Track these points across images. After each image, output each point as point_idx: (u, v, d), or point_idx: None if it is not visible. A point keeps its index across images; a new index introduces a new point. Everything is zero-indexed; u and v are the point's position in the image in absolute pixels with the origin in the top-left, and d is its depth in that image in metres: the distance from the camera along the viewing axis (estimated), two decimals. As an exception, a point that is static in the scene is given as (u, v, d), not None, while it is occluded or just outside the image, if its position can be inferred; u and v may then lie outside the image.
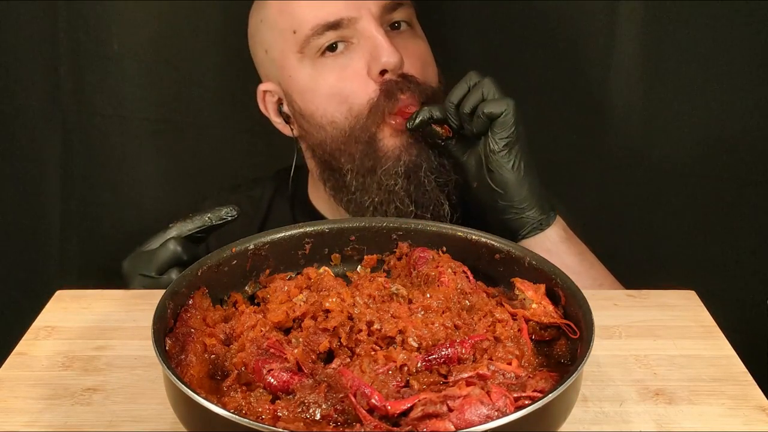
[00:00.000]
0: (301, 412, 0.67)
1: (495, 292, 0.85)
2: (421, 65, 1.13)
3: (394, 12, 1.13)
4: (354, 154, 1.13)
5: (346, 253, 0.92)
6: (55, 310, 0.95)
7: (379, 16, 1.11)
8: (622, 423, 0.77)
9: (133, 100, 1.46)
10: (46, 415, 0.77)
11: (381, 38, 1.08)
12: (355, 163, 1.13)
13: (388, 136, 1.12)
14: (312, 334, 0.74)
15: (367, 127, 1.11)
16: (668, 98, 1.35)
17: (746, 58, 1.28)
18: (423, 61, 1.14)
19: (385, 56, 1.08)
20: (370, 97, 1.10)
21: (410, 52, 1.13)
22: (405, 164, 1.11)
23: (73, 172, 1.49)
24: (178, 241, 1.05)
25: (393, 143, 1.11)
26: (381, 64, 1.08)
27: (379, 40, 1.08)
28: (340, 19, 1.09)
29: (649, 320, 0.93)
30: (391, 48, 1.08)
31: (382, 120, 1.10)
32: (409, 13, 1.15)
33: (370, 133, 1.11)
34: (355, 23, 1.10)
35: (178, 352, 0.74)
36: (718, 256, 1.37)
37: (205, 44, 1.45)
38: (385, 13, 1.12)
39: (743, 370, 0.84)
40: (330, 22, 1.10)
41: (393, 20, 1.13)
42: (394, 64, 1.08)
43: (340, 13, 1.09)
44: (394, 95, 1.09)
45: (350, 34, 1.11)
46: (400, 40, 1.13)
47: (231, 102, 1.48)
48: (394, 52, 1.08)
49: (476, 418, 0.63)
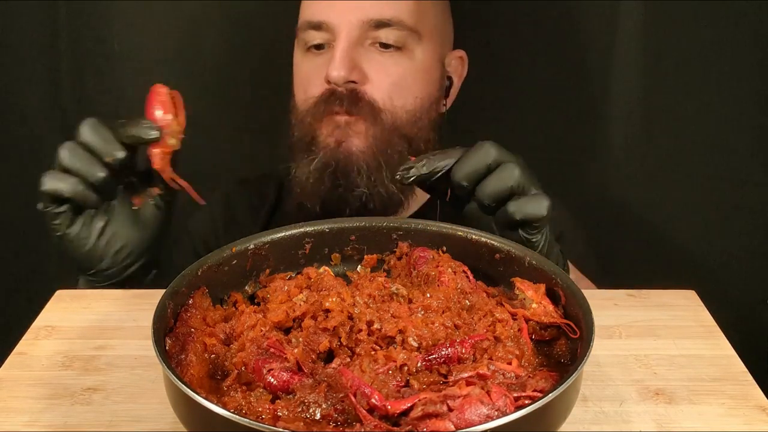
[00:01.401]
0: (301, 411, 0.67)
1: (495, 292, 0.85)
2: (389, 89, 1.15)
3: (379, 30, 1.14)
4: (298, 136, 1.18)
5: (346, 252, 0.92)
6: (55, 310, 0.95)
7: (359, 29, 1.13)
8: (622, 423, 0.77)
9: (133, 100, 1.46)
10: (46, 415, 0.77)
11: (338, 51, 1.12)
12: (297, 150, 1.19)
13: (323, 135, 1.16)
14: (312, 334, 0.74)
15: (307, 120, 1.16)
16: (668, 98, 1.35)
17: (746, 58, 1.28)
18: (395, 85, 1.15)
19: (332, 69, 1.12)
20: (316, 96, 1.15)
21: (383, 73, 1.14)
22: (320, 161, 1.15)
23: (73, 172, 1.49)
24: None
25: (325, 140, 1.15)
26: (326, 74, 1.13)
27: (336, 51, 1.12)
28: (321, 22, 1.14)
29: (649, 320, 0.93)
30: (341, 63, 1.11)
31: (319, 118, 1.15)
32: (400, 36, 1.15)
33: (309, 126, 1.16)
34: (334, 29, 1.13)
35: (178, 352, 0.74)
36: (718, 256, 1.37)
37: (205, 44, 1.45)
38: (367, 29, 1.13)
39: (743, 370, 0.84)
40: (313, 22, 1.15)
41: (378, 39, 1.14)
42: (334, 78, 1.12)
43: (323, 16, 1.14)
44: (330, 104, 1.14)
45: (329, 38, 1.15)
46: (379, 58, 1.15)
47: (231, 102, 1.48)
48: (342, 68, 1.11)
49: (476, 417, 0.63)
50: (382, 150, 1.15)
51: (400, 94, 1.16)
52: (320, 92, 1.15)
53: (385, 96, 1.15)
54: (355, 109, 1.13)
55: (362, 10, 1.12)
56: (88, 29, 1.42)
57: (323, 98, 1.14)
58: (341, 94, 1.13)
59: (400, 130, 1.15)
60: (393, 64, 1.15)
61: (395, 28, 1.14)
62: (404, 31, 1.15)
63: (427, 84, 1.19)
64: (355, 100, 1.13)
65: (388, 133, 1.15)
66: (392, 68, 1.15)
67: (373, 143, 1.14)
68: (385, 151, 1.15)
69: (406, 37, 1.15)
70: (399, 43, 1.15)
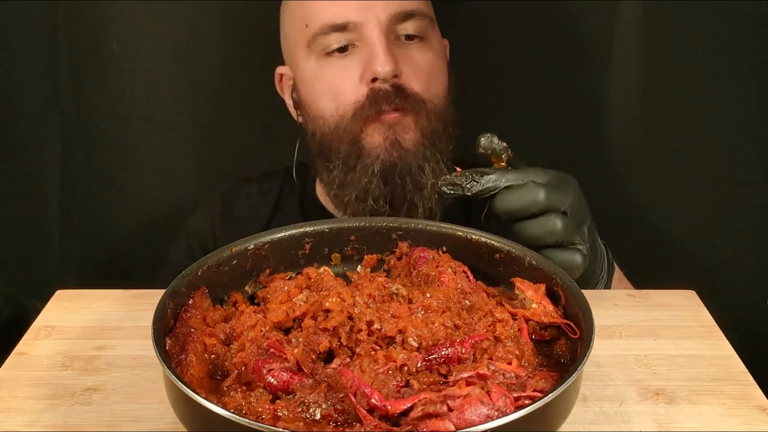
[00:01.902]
0: (301, 412, 0.67)
1: (495, 292, 0.85)
2: (425, 78, 1.14)
3: (405, 23, 1.13)
4: (339, 150, 1.15)
5: (346, 253, 0.92)
6: (55, 310, 0.95)
7: (387, 24, 1.12)
8: (622, 423, 0.77)
9: (132, 99, 1.46)
10: (46, 415, 0.77)
11: (379, 46, 1.10)
12: (340, 159, 1.16)
13: (371, 135, 1.13)
14: (312, 334, 0.74)
15: (351, 127, 1.13)
16: (668, 98, 1.35)
17: (746, 58, 1.28)
18: (428, 75, 1.15)
19: (377, 64, 1.10)
20: (357, 100, 1.13)
21: (415, 65, 1.14)
22: (381, 163, 1.13)
23: (73, 172, 1.49)
24: None
25: (374, 142, 1.13)
26: (372, 72, 1.11)
27: (377, 47, 1.10)
28: (347, 23, 1.12)
29: (649, 320, 0.93)
30: (386, 57, 1.10)
31: (366, 122, 1.13)
32: (422, 26, 1.15)
33: (354, 133, 1.13)
34: (360, 28, 1.11)
35: (178, 352, 0.74)
36: (718, 256, 1.37)
37: (206, 44, 1.45)
38: (394, 23, 1.12)
39: (743, 370, 0.84)
40: (336, 24, 1.12)
41: (404, 31, 1.14)
42: (384, 73, 1.10)
43: (348, 16, 1.11)
44: (379, 103, 1.11)
45: (356, 38, 1.13)
46: (407, 51, 1.14)
47: (231, 102, 1.48)
48: (388, 62, 1.10)
49: (476, 417, 0.63)
50: (432, 141, 1.14)
51: (433, 83, 1.15)
52: (361, 95, 1.12)
53: (423, 87, 1.14)
54: (404, 104, 1.11)
55: (388, 4, 1.12)
56: (87, 29, 1.42)
57: (369, 100, 1.11)
58: (387, 91, 1.11)
59: (441, 117, 1.15)
60: (420, 55, 1.15)
61: (418, 18, 1.14)
62: (425, 20, 1.15)
63: (445, 68, 1.20)
64: (402, 95, 1.11)
65: (434, 122, 1.14)
66: (420, 59, 1.15)
67: (424, 134, 1.13)
68: (434, 141, 1.14)
69: (426, 26, 1.16)
70: (421, 32, 1.15)
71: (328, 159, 1.17)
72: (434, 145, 1.14)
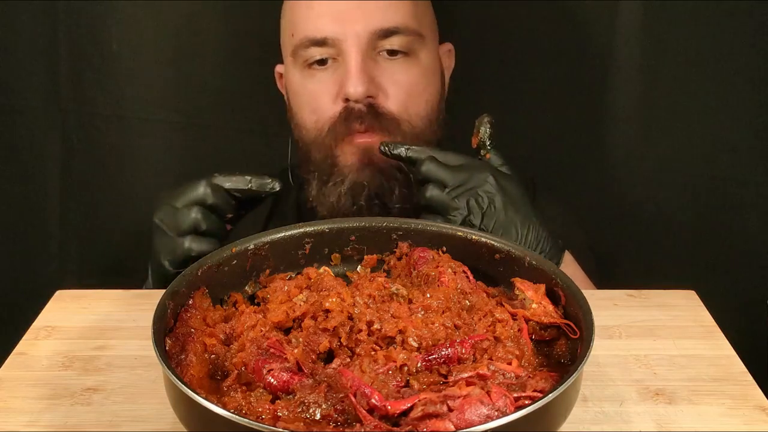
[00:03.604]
0: (301, 412, 0.67)
1: (495, 292, 0.85)
2: (404, 98, 1.13)
3: (387, 39, 1.11)
4: (316, 162, 1.16)
5: (346, 253, 0.92)
6: (55, 310, 0.95)
7: (367, 41, 1.10)
8: (622, 423, 0.77)
9: (132, 100, 1.46)
10: (46, 415, 0.78)
11: (353, 65, 1.09)
12: (316, 171, 1.17)
13: (344, 153, 1.14)
14: (312, 334, 0.74)
15: (326, 142, 1.14)
16: (668, 98, 1.35)
17: (746, 58, 1.28)
18: (408, 94, 1.13)
19: (349, 85, 1.09)
20: (332, 116, 1.13)
21: (395, 83, 1.13)
22: (350, 183, 1.13)
23: (73, 172, 1.49)
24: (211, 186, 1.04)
25: (347, 161, 1.14)
26: (344, 92, 1.10)
27: (351, 67, 1.09)
28: (325, 38, 1.11)
29: (649, 320, 0.93)
30: (359, 79, 1.09)
31: (339, 140, 1.13)
32: (407, 42, 1.13)
33: (329, 148, 1.14)
34: (339, 44, 1.10)
35: (178, 352, 0.74)
36: (718, 256, 1.37)
37: (205, 44, 1.45)
38: (376, 39, 1.11)
39: (743, 370, 0.84)
40: (315, 39, 1.11)
41: (386, 47, 1.12)
42: (355, 95, 1.09)
43: (326, 31, 1.11)
44: (351, 122, 1.11)
45: (335, 53, 1.12)
46: (388, 67, 1.12)
47: (231, 102, 1.48)
48: (360, 83, 1.09)
49: (476, 418, 0.63)
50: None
51: (413, 103, 1.14)
52: (336, 112, 1.12)
53: (400, 107, 1.13)
54: (376, 124, 1.11)
55: (368, 20, 1.10)
56: (87, 29, 1.42)
57: (341, 118, 1.11)
58: (360, 111, 1.10)
59: (418, 138, 1.14)
60: (403, 72, 1.13)
61: (401, 34, 1.12)
62: (410, 36, 1.13)
63: (434, 84, 1.18)
64: (374, 115, 1.11)
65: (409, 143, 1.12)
66: (403, 76, 1.13)
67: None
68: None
69: (412, 42, 1.13)
70: (406, 48, 1.13)
71: (308, 168, 1.18)
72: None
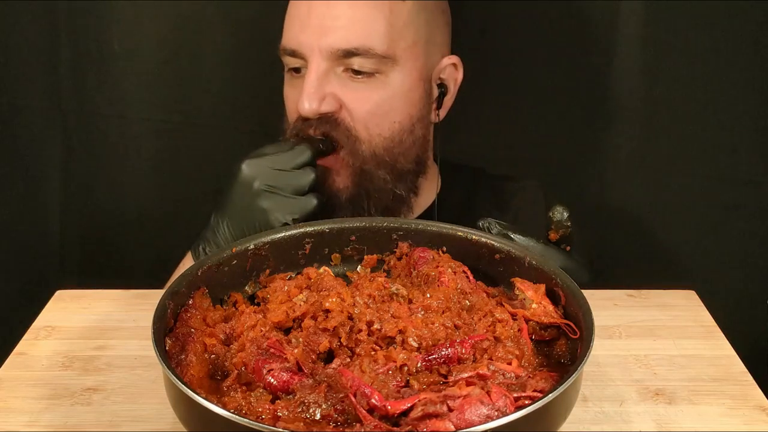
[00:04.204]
0: (301, 412, 0.67)
1: (495, 292, 0.85)
2: (367, 116, 1.12)
3: (350, 59, 1.10)
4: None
5: (346, 253, 0.92)
6: (55, 310, 0.95)
7: (329, 59, 1.10)
8: (622, 423, 0.77)
9: (133, 100, 1.46)
10: (46, 415, 0.78)
11: (308, 83, 1.10)
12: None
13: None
14: (312, 334, 0.74)
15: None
16: (668, 98, 1.35)
17: (747, 58, 1.28)
18: (372, 113, 1.13)
19: (302, 101, 1.10)
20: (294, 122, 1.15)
21: (357, 101, 1.12)
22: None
23: (73, 172, 1.49)
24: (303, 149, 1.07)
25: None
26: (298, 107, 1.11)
27: (306, 83, 1.11)
28: (294, 50, 1.13)
29: (649, 320, 0.93)
30: (310, 95, 1.10)
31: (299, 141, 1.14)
32: (371, 63, 1.11)
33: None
34: (305, 56, 1.12)
35: (178, 352, 0.74)
36: (718, 256, 1.37)
37: (205, 44, 1.45)
38: (337, 57, 1.10)
39: (743, 370, 0.84)
40: (287, 48, 1.14)
41: (351, 66, 1.11)
42: (306, 112, 1.11)
43: (294, 44, 1.12)
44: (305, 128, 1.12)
45: (304, 65, 1.13)
46: (353, 85, 1.12)
47: (231, 102, 1.48)
48: (311, 101, 1.10)
49: (476, 418, 0.63)
50: (362, 184, 1.14)
51: (376, 122, 1.13)
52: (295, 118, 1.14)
53: (360, 125, 1.13)
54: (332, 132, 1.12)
55: (329, 39, 1.09)
56: (88, 29, 1.42)
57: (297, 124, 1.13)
58: (310, 122, 1.12)
59: (379, 158, 1.14)
60: (366, 92, 1.12)
61: (363, 56, 1.10)
62: (374, 58, 1.11)
63: (406, 107, 1.15)
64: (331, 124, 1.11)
65: (366, 163, 1.13)
66: (366, 96, 1.12)
67: (356, 177, 1.14)
68: (366, 185, 1.14)
69: (377, 63, 1.11)
70: (371, 69, 1.12)
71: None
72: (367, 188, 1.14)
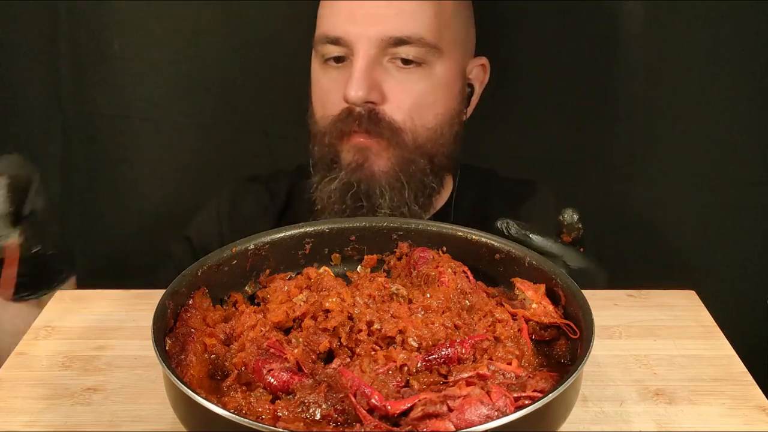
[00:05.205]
0: (301, 412, 0.67)
1: (495, 292, 0.85)
2: (411, 107, 1.12)
3: (398, 47, 1.10)
4: (318, 156, 1.17)
5: (346, 253, 0.92)
6: (55, 310, 0.95)
7: (377, 46, 1.10)
8: (622, 423, 0.77)
9: (133, 99, 1.46)
10: (46, 415, 0.78)
11: (356, 70, 1.09)
12: (318, 165, 1.17)
13: (345, 152, 1.14)
14: (312, 334, 0.74)
15: (329, 139, 1.14)
16: (669, 98, 1.35)
17: (747, 58, 1.28)
18: (416, 104, 1.13)
19: (350, 88, 1.09)
20: (335, 114, 1.13)
21: (402, 91, 1.12)
22: (341, 182, 1.13)
23: (73, 172, 1.49)
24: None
25: (346, 159, 1.14)
26: (344, 94, 1.10)
27: (355, 70, 1.09)
28: (339, 37, 1.11)
29: (649, 320, 0.93)
30: (359, 84, 1.09)
31: (340, 138, 1.13)
32: (420, 53, 1.11)
33: (330, 144, 1.14)
34: (352, 45, 1.10)
35: (178, 352, 0.74)
36: (718, 256, 1.37)
37: (206, 44, 1.45)
38: (386, 46, 1.10)
39: (743, 370, 0.84)
40: (330, 36, 1.12)
41: (398, 55, 1.11)
42: (353, 98, 1.09)
43: (340, 31, 1.11)
44: (349, 124, 1.11)
45: (348, 52, 1.12)
46: (399, 75, 1.12)
47: (232, 102, 1.48)
48: (361, 88, 1.09)
49: (476, 418, 0.63)
50: (404, 170, 1.13)
51: (420, 113, 1.13)
52: (338, 111, 1.12)
53: (405, 116, 1.12)
54: (375, 130, 1.11)
55: (381, 26, 1.09)
56: (88, 30, 1.42)
57: (341, 118, 1.12)
58: (359, 114, 1.10)
59: (422, 149, 1.14)
60: (412, 82, 1.12)
61: (414, 45, 1.10)
62: (424, 47, 1.11)
63: (448, 99, 1.16)
64: (374, 120, 1.11)
65: (409, 152, 1.13)
66: (412, 87, 1.12)
67: (395, 163, 1.13)
68: (407, 171, 1.13)
69: (426, 53, 1.12)
70: (419, 59, 1.12)
71: (314, 161, 1.19)
72: (407, 175, 1.13)
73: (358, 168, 1.13)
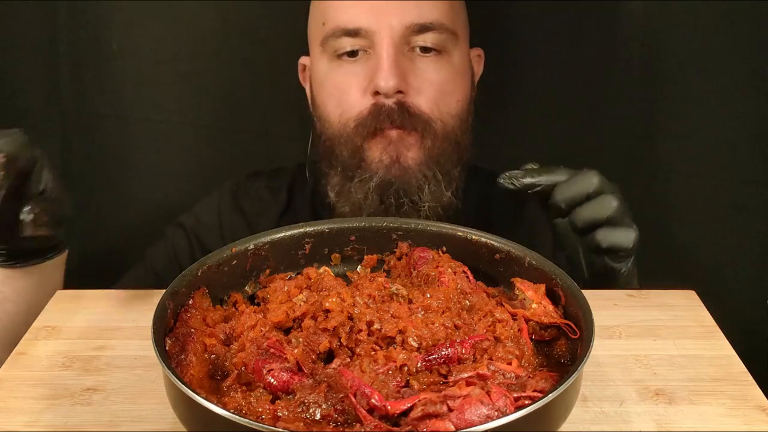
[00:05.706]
0: (301, 412, 0.67)
1: (495, 292, 0.85)
2: (435, 95, 1.11)
3: (421, 35, 1.09)
4: (340, 157, 1.14)
5: (346, 253, 0.92)
6: (55, 310, 0.95)
7: (401, 35, 1.08)
8: (622, 423, 0.77)
9: (132, 100, 1.46)
10: (46, 415, 0.77)
11: (385, 59, 1.07)
12: (340, 166, 1.14)
13: (372, 149, 1.12)
14: (312, 334, 0.74)
15: (353, 138, 1.11)
16: (669, 98, 1.35)
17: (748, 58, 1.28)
18: (439, 92, 1.11)
19: (380, 78, 1.07)
20: (361, 111, 1.11)
21: (426, 80, 1.11)
22: (379, 180, 1.11)
23: (73, 172, 1.49)
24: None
25: (375, 157, 1.12)
26: (375, 85, 1.08)
27: (383, 59, 1.07)
28: (359, 29, 1.09)
29: (649, 320, 0.93)
30: (391, 72, 1.07)
31: (367, 136, 1.11)
32: (441, 39, 1.11)
33: (355, 144, 1.12)
34: (372, 36, 1.09)
35: (178, 352, 0.74)
36: (718, 256, 1.37)
37: (205, 44, 1.45)
38: (410, 34, 1.09)
39: (743, 370, 0.84)
40: (348, 29, 1.10)
41: (419, 43, 1.10)
42: (386, 88, 1.07)
43: (360, 22, 1.09)
44: (380, 120, 1.09)
45: (367, 44, 1.10)
46: (419, 64, 1.11)
47: (231, 102, 1.48)
48: (392, 77, 1.07)
49: (476, 418, 0.63)
50: (436, 160, 1.12)
51: (444, 101, 1.12)
52: (365, 107, 1.10)
53: (432, 105, 1.11)
54: (408, 123, 1.09)
55: (404, 14, 1.08)
56: (87, 30, 1.42)
57: (371, 115, 1.09)
58: (390, 109, 1.08)
59: (449, 137, 1.12)
60: (434, 70, 1.11)
61: (436, 31, 1.10)
62: (444, 34, 1.11)
63: (465, 85, 1.16)
64: (407, 113, 1.09)
65: (440, 142, 1.11)
66: (434, 74, 1.11)
67: (427, 154, 1.11)
68: (439, 161, 1.12)
69: (445, 40, 1.11)
70: (439, 46, 1.11)
71: (330, 163, 1.16)
72: (439, 165, 1.12)
73: (392, 163, 1.11)
